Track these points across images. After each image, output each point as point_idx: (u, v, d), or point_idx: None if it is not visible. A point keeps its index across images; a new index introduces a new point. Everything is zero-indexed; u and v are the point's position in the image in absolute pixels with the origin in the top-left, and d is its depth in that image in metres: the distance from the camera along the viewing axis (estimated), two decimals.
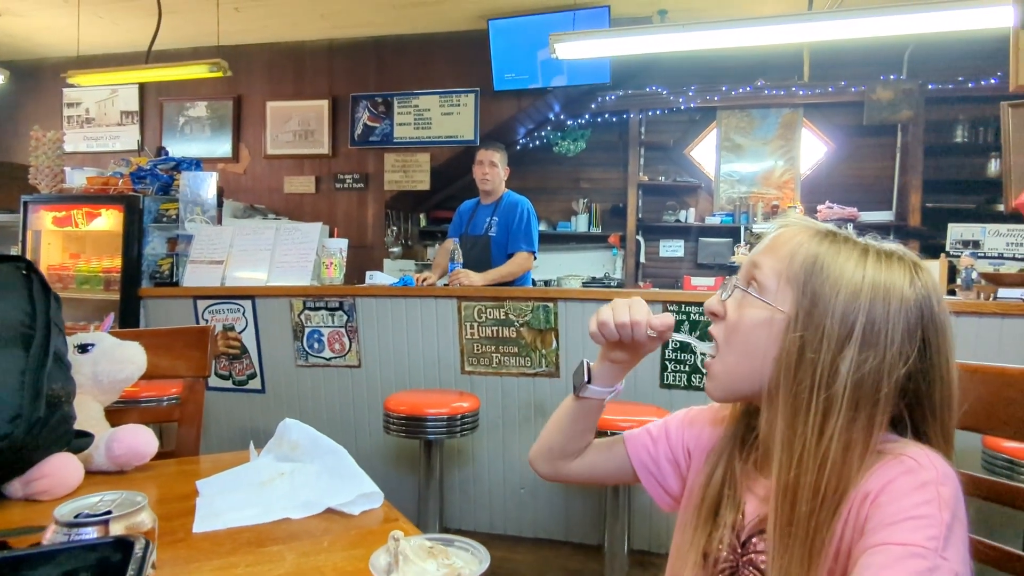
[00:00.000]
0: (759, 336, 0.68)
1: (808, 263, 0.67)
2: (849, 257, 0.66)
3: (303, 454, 1.04)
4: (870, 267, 0.65)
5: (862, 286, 0.64)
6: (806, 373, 0.64)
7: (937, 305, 0.65)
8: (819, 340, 0.64)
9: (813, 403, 0.63)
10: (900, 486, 0.58)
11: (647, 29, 3.09)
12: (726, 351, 0.71)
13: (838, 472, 0.61)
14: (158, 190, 3.23)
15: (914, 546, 0.53)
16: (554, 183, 5.46)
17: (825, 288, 0.65)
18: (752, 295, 0.69)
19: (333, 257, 2.85)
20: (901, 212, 4.69)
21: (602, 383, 0.83)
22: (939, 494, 0.56)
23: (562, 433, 0.89)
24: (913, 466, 0.59)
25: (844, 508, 0.61)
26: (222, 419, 2.95)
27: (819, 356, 0.63)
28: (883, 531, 0.55)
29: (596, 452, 0.90)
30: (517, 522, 2.67)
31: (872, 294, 0.64)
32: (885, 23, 2.63)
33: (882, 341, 0.63)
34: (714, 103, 5.02)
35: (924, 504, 0.55)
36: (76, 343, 1.19)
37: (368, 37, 5.07)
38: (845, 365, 0.62)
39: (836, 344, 0.63)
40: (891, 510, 0.56)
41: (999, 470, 1.78)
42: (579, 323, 2.50)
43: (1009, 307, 2.08)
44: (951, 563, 0.52)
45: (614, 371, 0.83)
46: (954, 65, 4.51)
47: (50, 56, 5.68)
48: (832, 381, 0.63)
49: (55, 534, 0.63)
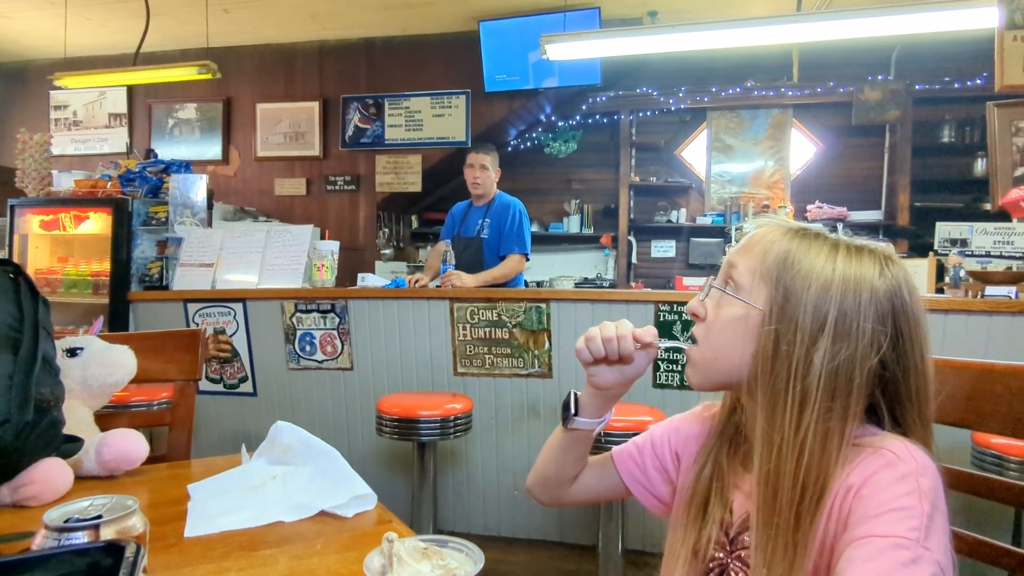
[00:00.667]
0: (736, 332, 0.70)
1: (780, 259, 0.68)
2: (820, 252, 0.68)
3: (295, 457, 1.04)
4: (840, 261, 0.67)
5: (833, 279, 0.66)
6: (782, 366, 0.65)
7: (908, 296, 0.66)
8: (792, 333, 0.65)
9: (789, 395, 0.65)
10: (881, 479, 0.59)
11: (637, 30, 3.10)
12: (705, 346, 0.73)
13: (817, 462, 0.63)
14: (147, 193, 3.21)
15: (896, 537, 0.53)
16: (546, 184, 5.47)
17: (797, 282, 0.67)
18: (728, 294, 0.71)
19: (324, 259, 2.83)
20: (890, 211, 4.74)
21: (589, 414, 0.83)
22: (919, 485, 0.57)
23: (556, 463, 0.89)
24: (893, 459, 0.60)
25: (827, 502, 0.62)
26: (213, 423, 2.93)
27: (793, 348, 0.65)
28: (866, 524, 0.56)
29: (590, 474, 0.91)
30: (511, 523, 2.67)
31: (843, 287, 0.65)
32: (873, 24, 2.66)
33: (854, 332, 0.64)
34: (704, 104, 5.05)
35: (905, 496, 0.56)
36: (65, 347, 1.17)
37: (359, 38, 5.06)
38: (819, 356, 0.64)
39: (809, 336, 0.65)
40: (873, 503, 0.57)
41: (988, 466, 1.79)
42: (572, 324, 2.51)
43: (997, 304, 2.11)
44: (933, 553, 0.53)
45: (601, 400, 0.82)
46: (941, 66, 4.56)
47: (37, 58, 5.63)
48: (807, 372, 0.64)
49: (45, 539, 0.62)
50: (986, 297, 2.22)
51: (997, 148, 3.45)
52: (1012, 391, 0.79)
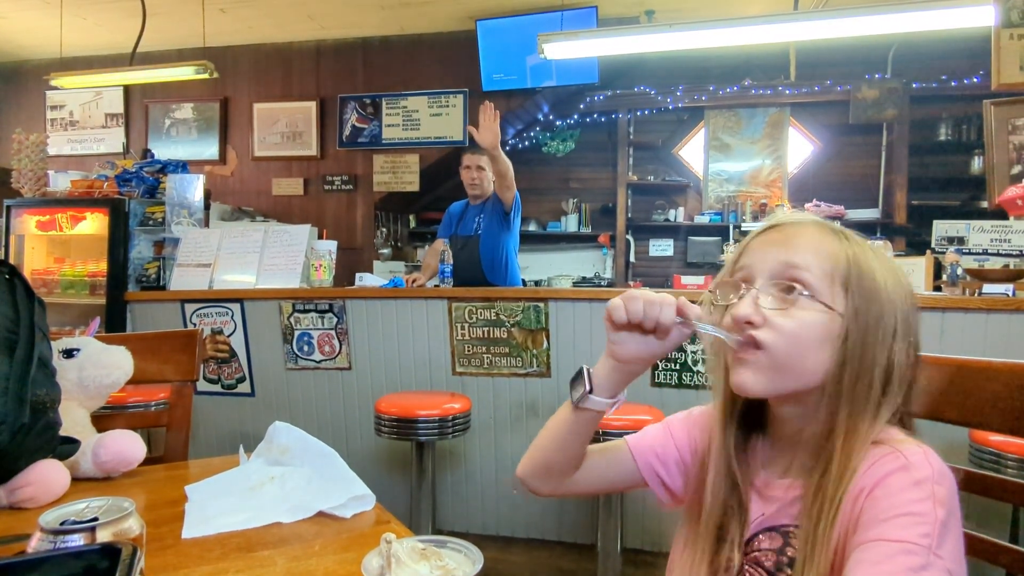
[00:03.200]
0: (814, 336, 0.66)
1: (853, 263, 0.69)
2: (875, 253, 0.70)
3: (293, 458, 1.04)
4: (888, 264, 0.70)
5: (896, 283, 0.69)
6: (866, 370, 0.66)
7: (915, 301, 0.70)
8: (875, 338, 0.67)
9: (870, 399, 0.66)
10: (895, 482, 0.58)
11: (634, 29, 3.11)
12: (776, 351, 0.67)
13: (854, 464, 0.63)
14: (144, 193, 3.20)
15: (907, 543, 0.53)
16: (543, 183, 5.46)
17: (873, 287, 0.68)
18: (807, 298, 0.67)
19: (322, 259, 2.83)
20: (887, 210, 4.74)
21: (604, 392, 0.76)
22: (934, 492, 0.56)
23: (560, 448, 0.81)
24: (907, 464, 0.59)
25: (843, 504, 0.61)
26: (211, 423, 2.93)
27: (875, 353, 0.66)
28: (877, 527, 0.55)
29: (598, 462, 0.85)
30: (510, 522, 2.67)
31: (902, 291, 0.69)
32: (870, 23, 2.66)
33: (913, 334, 0.68)
34: (702, 103, 5.05)
35: (918, 502, 0.56)
36: (61, 348, 1.17)
37: (356, 38, 5.05)
38: (897, 359, 0.67)
39: (888, 340, 0.67)
40: (885, 505, 0.57)
41: (986, 463, 1.80)
42: (570, 323, 2.51)
43: (994, 302, 2.11)
44: (944, 561, 0.52)
45: (619, 376, 0.75)
46: (938, 64, 4.57)
47: (33, 58, 5.61)
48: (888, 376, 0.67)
49: (40, 542, 0.62)
50: (983, 295, 2.22)
51: (994, 146, 3.46)
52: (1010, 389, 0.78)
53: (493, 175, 3.07)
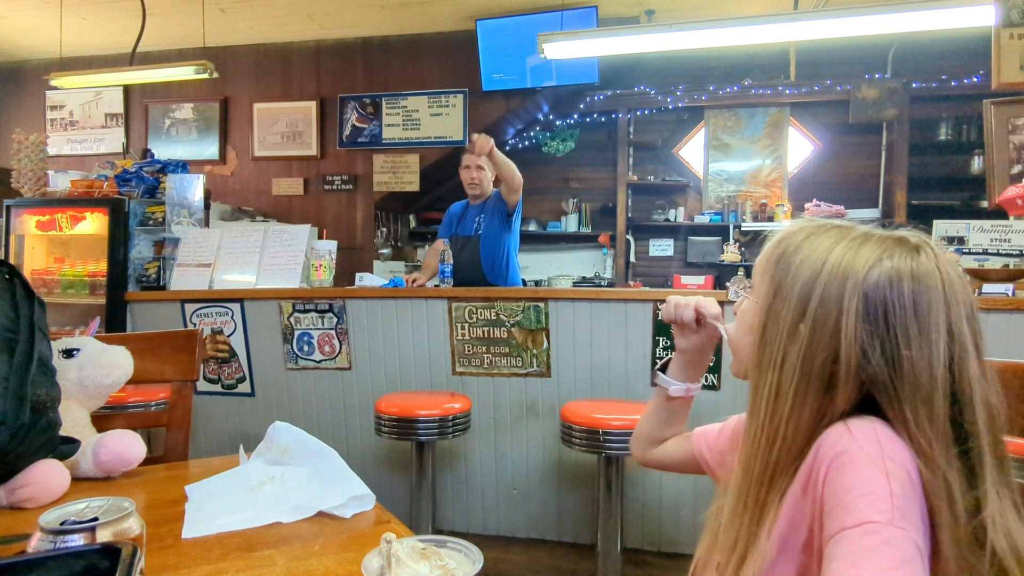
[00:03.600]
0: (743, 324, 0.75)
1: (780, 250, 0.69)
2: (821, 243, 0.67)
3: (293, 457, 1.04)
4: (836, 250, 0.65)
5: (821, 269, 0.65)
6: (763, 355, 0.67)
7: (911, 287, 0.61)
8: (776, 323, 0.66)
9: (766, 385, 0.66)
10: (846, 464, 0.57)
11: (634, 29, 3.10)
12: (731, 340, 0.79)
13: (787, 453, 0.64)
14: (144, 193, 3.20)
15: (866, 523, 0.53)
16: (543, 183, 5.46)
17: (789, 273, 0.67)
18: (738, 290, 0.77)
19: (322, 259, 2.83)
20: (887, 209, 4.74)
21: (673, 375, 0.94)
22: (886, 468, 0.56)
23: (647, 420, 1.00)
24: (855, 443, 0.58)
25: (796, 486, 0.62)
26: (211, 423, 2.93)
27: (775, 338, 0.66)
28: (838, 516, 0.55)
29: (674, 442, 0.99)
30: (510, 522, 2.67)
31: (828, 276, 0.64)
32: (870, 22, 2.66)
33: (833, 324, 0.62)
34: (702, 102, 5.05)
35: (871, 480, 0.55)
36: (61, 348, 1.17)
37: (356, 38, 5.05)
38: (795, 348, 0.64)
39: (790, 327, 0.65)
40: (839, 489, 0.56)
41: None
42: (570, 323, 2.51)
43: (994, 302, 2.11)
44: (908, 532, 0.52)
45: (681, 364, 0.93)
46: (938, 64, 4.57)
47: (32, 58, 5.61)
48: (783, 363, 0.65)
49: (40, 542, 0.62)
50: (983, 295, 2.22)
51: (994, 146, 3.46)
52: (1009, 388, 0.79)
53: (496, 176, 3.07)
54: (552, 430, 2.53)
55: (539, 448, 2.59)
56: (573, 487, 2.57)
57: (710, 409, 2.40)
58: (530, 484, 2.61)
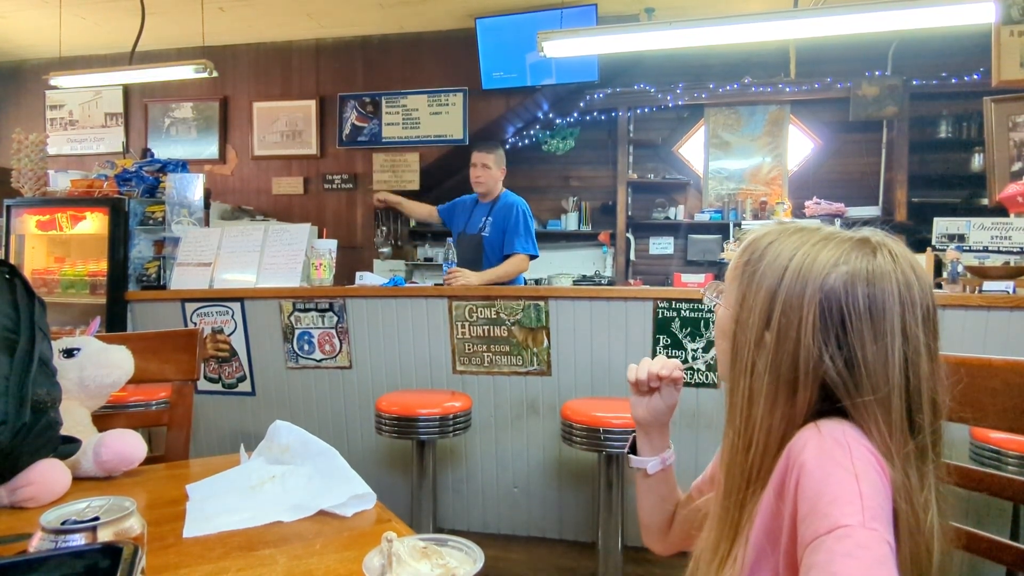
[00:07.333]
0: (719, 332, 0.74)
1: (743, 260, 0.69)
2: (784, 249, 0.66)
3: (294, 456, 1.04)
4: (796, 257, 0.65)
5: (784, 274, 0.64)
6: (735, 362, 0.68)
7: (868, 287, 0.61)
8: (744, 329, 0.67)
9: (739, 392, 0.67)
10: (815, 468, 0.57)
11: (634, 27, 3.10)
12: (716, 346, 0.77)
13: (761, 457, 0.64)
14: (144, 192, 3.20)
15: (838, 528, 0.53)
16: (544, 182, 5.46)
17: (753, 281, 0.67)
18: (712, 296, 0.77)
19: (322, 258, 2.83)
20: (887, 207, 4.74)
21: (645, 453, 0.90)
22: (854, 468, 0.56)
23: (646, 512, 0.94)
24: (823, 446, 0.58)
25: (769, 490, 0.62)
26: (212, 422, 2.93)
27: (744, 344, 0.66)
28: (812, 521, 0.55)
29: (681, 515, 0.92)
30: (511, 521, 2.67)
31: (791, 279, 0.64)
32: (870, 20, 2.65)
33: (796, 326, 0.62)
34: (702, 100, 5.04)
35: (840, 483, 0.55)
36: (62, 348, 1.17)
37: (355, 37, 5.04)
38: (763, 353, 0.64)
39: (757, 332, 0.65)
40: (810, 494, 0.56)
41: (986, 461, 1.80)
42: (570, 321, 2.51)
43: (994, 300, 2.11)
44: (880, 532, 0.52)
45: (643, 436, 0.90)
46: (938, 61, 4.56)
47: (32, 57, 5.60)
48: (753, 369, 0.65)
49: (41, 541, 0.62)
50: (984, 292, 2.22)
51: (994, 143, 3.45)
52: (1010, 386, 0.79)
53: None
54: (552, 428, 2.53)
55: (539, 447, 2.59)
56: (574, 485, 2.58)
57: (710, 408, 2.40)
58: (531, 483, 2.61)
